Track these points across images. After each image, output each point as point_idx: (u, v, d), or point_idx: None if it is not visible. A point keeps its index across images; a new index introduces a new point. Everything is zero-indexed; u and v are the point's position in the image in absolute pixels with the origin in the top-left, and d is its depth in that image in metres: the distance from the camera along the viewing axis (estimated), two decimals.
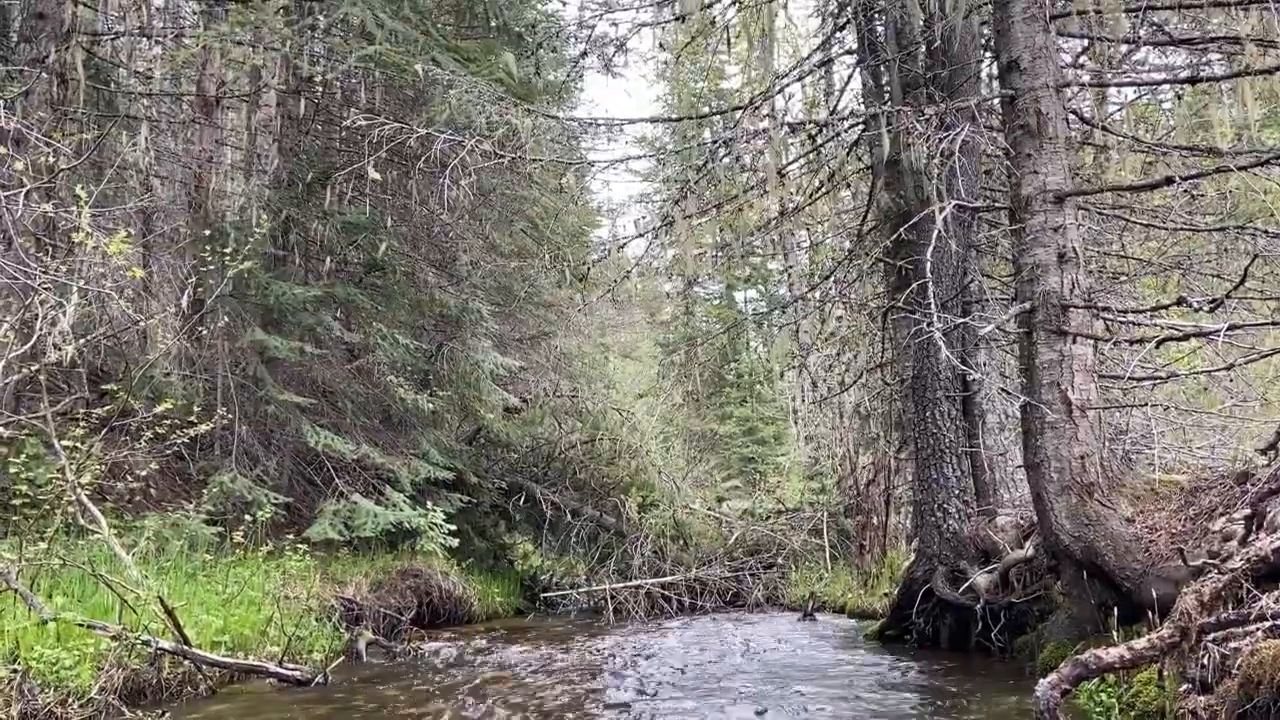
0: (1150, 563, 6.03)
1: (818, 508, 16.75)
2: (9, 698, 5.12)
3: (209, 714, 5.83)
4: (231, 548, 8.60)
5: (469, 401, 13.48)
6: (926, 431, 9.34)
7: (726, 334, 24.16)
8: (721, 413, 26.60)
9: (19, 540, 6.25)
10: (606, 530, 15.54)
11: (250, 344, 10.31)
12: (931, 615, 9.00)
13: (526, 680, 7.28)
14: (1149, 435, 9.46)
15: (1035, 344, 6.87)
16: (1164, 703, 4.50)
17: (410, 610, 10.78)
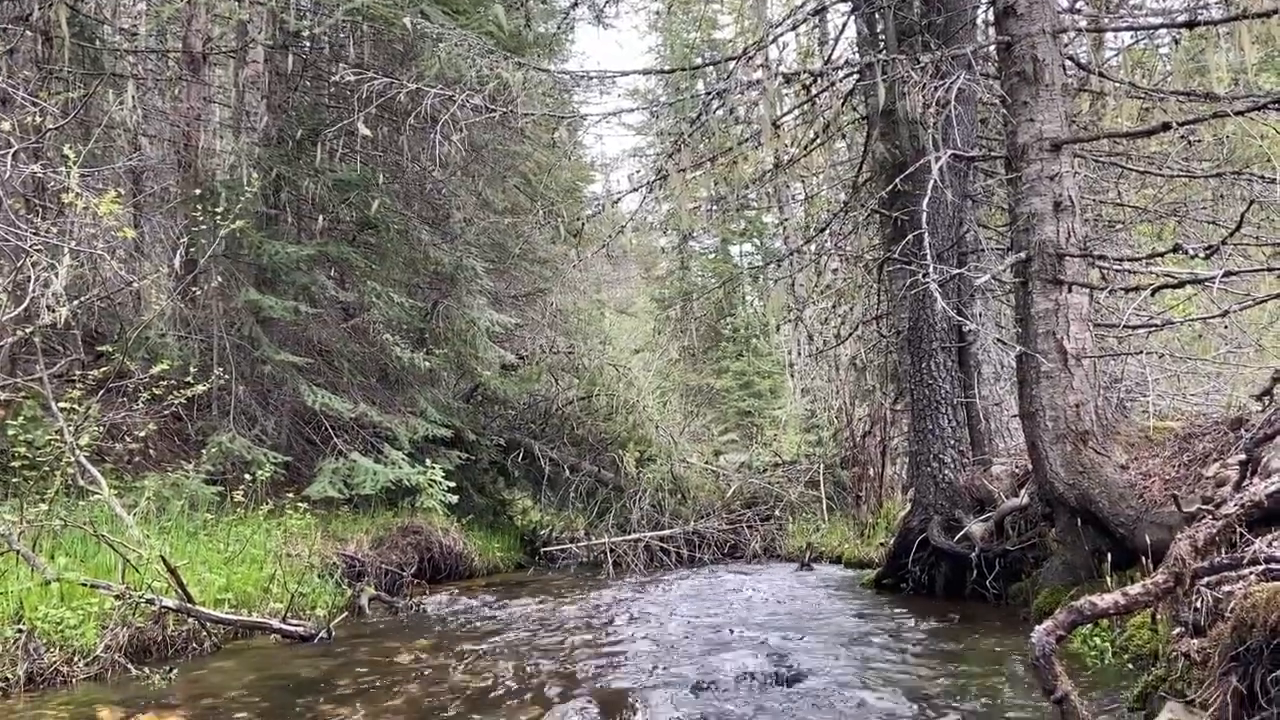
0: (1144, 509, 6.09)
1: (814, 460, 16.85)
2: (15, 657, 5.18)
3: (215, 669, 5.89)
4: (232, 507, 8.64)
5: (465, 359, 13.48)
6: (922, 383, 9.36)
7: (722, 288, 24.11)
8: (718, 367, 26.63)
9: (19, 502, 6.27)
10: (605, 485, 15.64)
11: (245, 304, 10.27)
12: (927, 564, 9.09)
13: (529, 633, 7.37)
14: (1144, 383, 9.49)
15: (1031, 293, 6.86)
16: (1157, 646, 4.57)
17: (411, 566, 10.87)
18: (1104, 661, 5.03)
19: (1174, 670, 3.99)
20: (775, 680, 5.09)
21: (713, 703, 4.65)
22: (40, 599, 5.63)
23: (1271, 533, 3.96)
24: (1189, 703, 3.63)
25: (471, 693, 5.05)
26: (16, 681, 5.09)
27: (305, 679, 5.54)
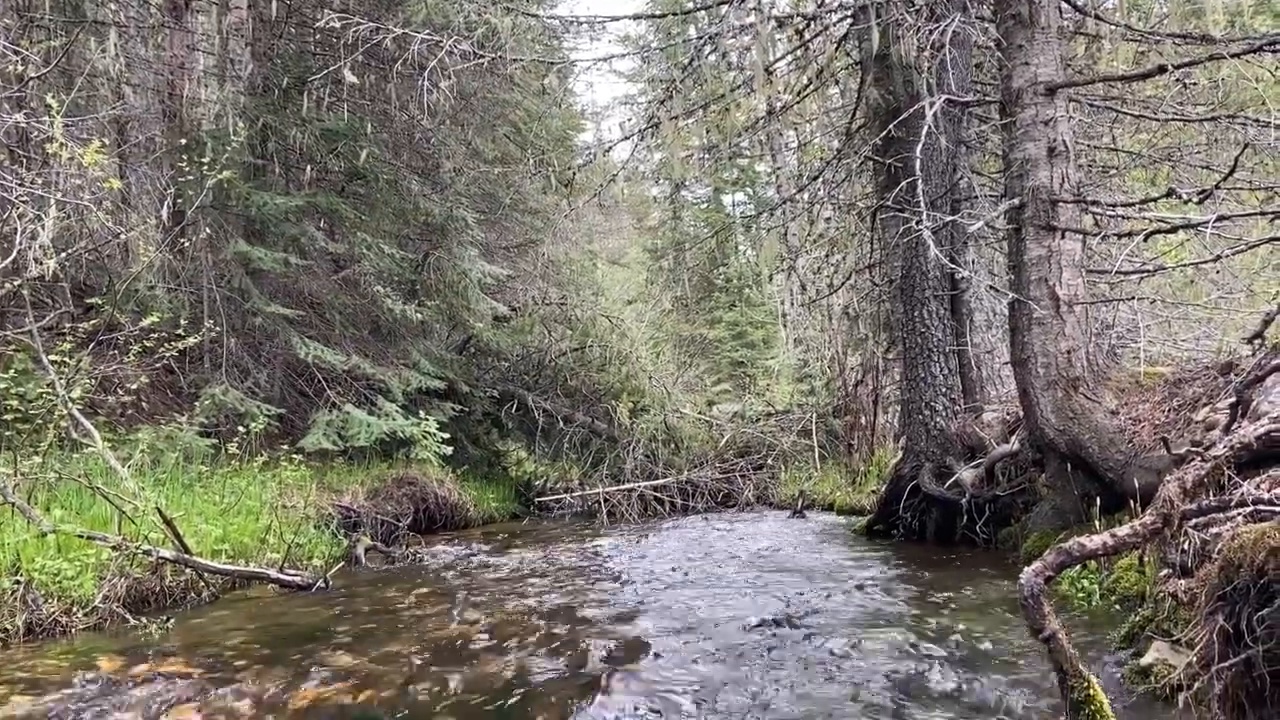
0: (1133, 453, 6.14)
1: (807, 409, 16.93)
2: (13, 608, 5.21)
3: (213, 619, 5.94)
4: (226, 459, 8.66)
5: (457, 311, 13.44)
6: (914, 331, 9.37)
7: (715, 238, 24.01)
8: (711, 317, 26.62)
9: (13, 455, 6.28)
10: (598, 436, 15.71)
11: (234, 256, 10.20)
12: (918, 510, 9.18)
13: (526, 579, 7.44)
14: (1135, 329, 9.51)
15: (1024, 240, 6.84)
16: (1144, 587, 4.64)
17: (407, 517, 10.94)
18: (1091, 603, 5.10)
19: (1161, 610, 4.05)
20: (766, 623, 5.15)
21: (705, 644, 4.71)
22: (37, 551, 5.64)
23: (1260, 475, 4.00)
24: (1175, 642, 3.69)
25: (467, 639, 5.11)
26: (15, 632, 5.12)
27: (304, 627, 5.59)
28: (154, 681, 4.15)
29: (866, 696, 3.72)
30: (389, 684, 4.15)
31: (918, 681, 3.91)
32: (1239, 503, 3.74)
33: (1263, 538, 2.81)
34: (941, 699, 3.69)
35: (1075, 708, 2.70)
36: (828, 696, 3.73)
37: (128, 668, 4.47)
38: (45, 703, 3.82)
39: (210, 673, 4.37)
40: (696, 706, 3.67)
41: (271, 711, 3.78)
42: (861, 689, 3.82)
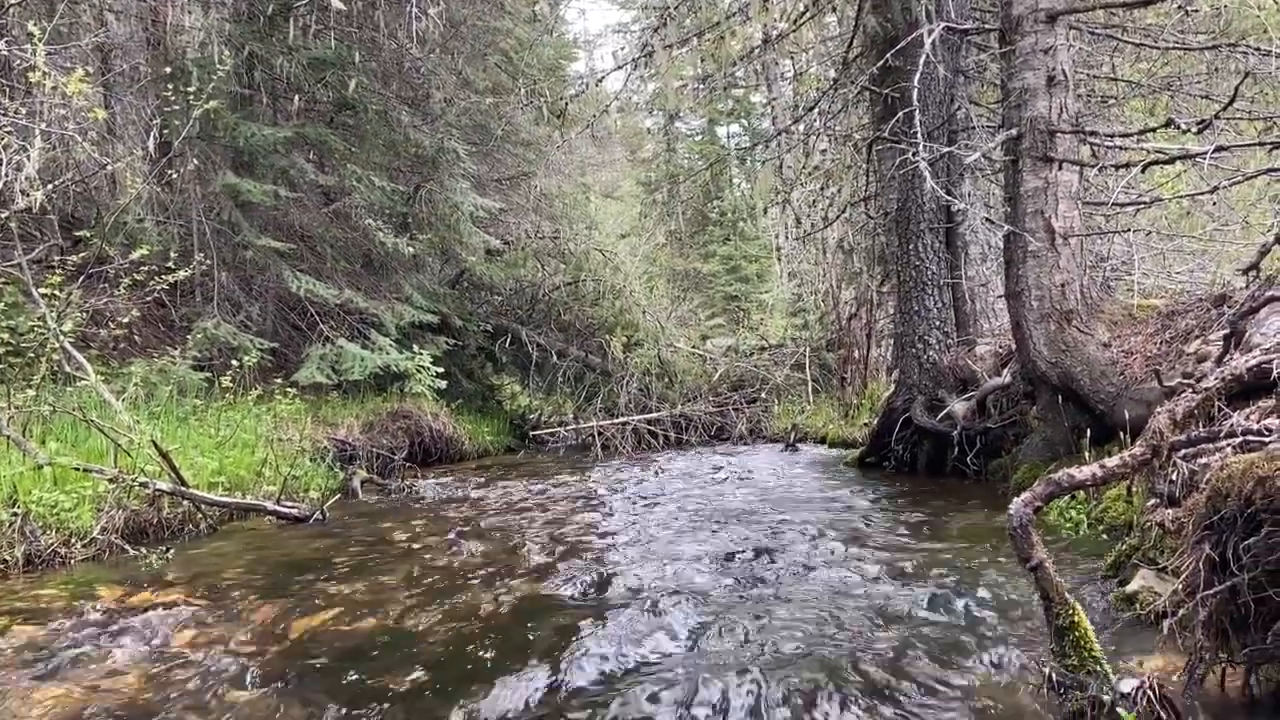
0: (1124, 385, 6.17)
1: (800, 343, 16.96)
2: (12, 540, 5.25)
3: (212, 550, 6.00)
4: (220, 393, 8.66)
5: (449, 244, 13.34)
6: (909, 264, 9.34)
7: (709, 170, 23.74)
8: (705, 251, 26.47)
9: (7, 388, 6.26)
10: (592, 370, 15.74)
11: (223, 188, 10.07)
12: (910, 442, 9.25)
13: (520, 511, 7.51)
14: (1129, 261, 9.48)
15: (1021, 171, 6.78)
16: (1131, 517, 4.70)
17: (402, 450, 11.00)
18: (1079, 533, 5.17)
19: (1147, 540, 4.10)
20: (757, 554, 5.22)
21: (699, 575, 4.77)
22: (34, 483, 5.67)
23: (1250, 406, 4.02)
24: (1161, 570, 3.75)
25: (465, 568, 5.17)
26: (15, 563, 5.17)
27: (302, 558, 5.65)
28: (154, 610, 4.21)
29: (853, 621, 3.78)
30: (386, 613, 4.21)
31: (903, 606, 3.97)
32: (1228, 433, 3.77)
33: (1251, 468, 2.83)
34: (926, 623, 3.76)
35: (1060, 633, 2.74)
36: (815, 621, 3.79)
37: (127, 597, 4.53)
38: (46, 632, 3.87)
39: (210, 602, 4.43)
40: (686, 637, 3.73)
41: (270, 640, 3.84)
42: (848, 614, 3.89)
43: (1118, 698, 2.42)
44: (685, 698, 3.00)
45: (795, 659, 3.33)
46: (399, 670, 3.39)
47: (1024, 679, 3.04)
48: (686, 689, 3.06)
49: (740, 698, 2.97)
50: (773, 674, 3.16)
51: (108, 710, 3.05)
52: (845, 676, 3.13)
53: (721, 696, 2.98)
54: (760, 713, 2.86)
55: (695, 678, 3.15)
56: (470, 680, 3.28)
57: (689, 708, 2.93)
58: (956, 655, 3.35)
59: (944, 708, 2.88)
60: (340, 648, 3.71)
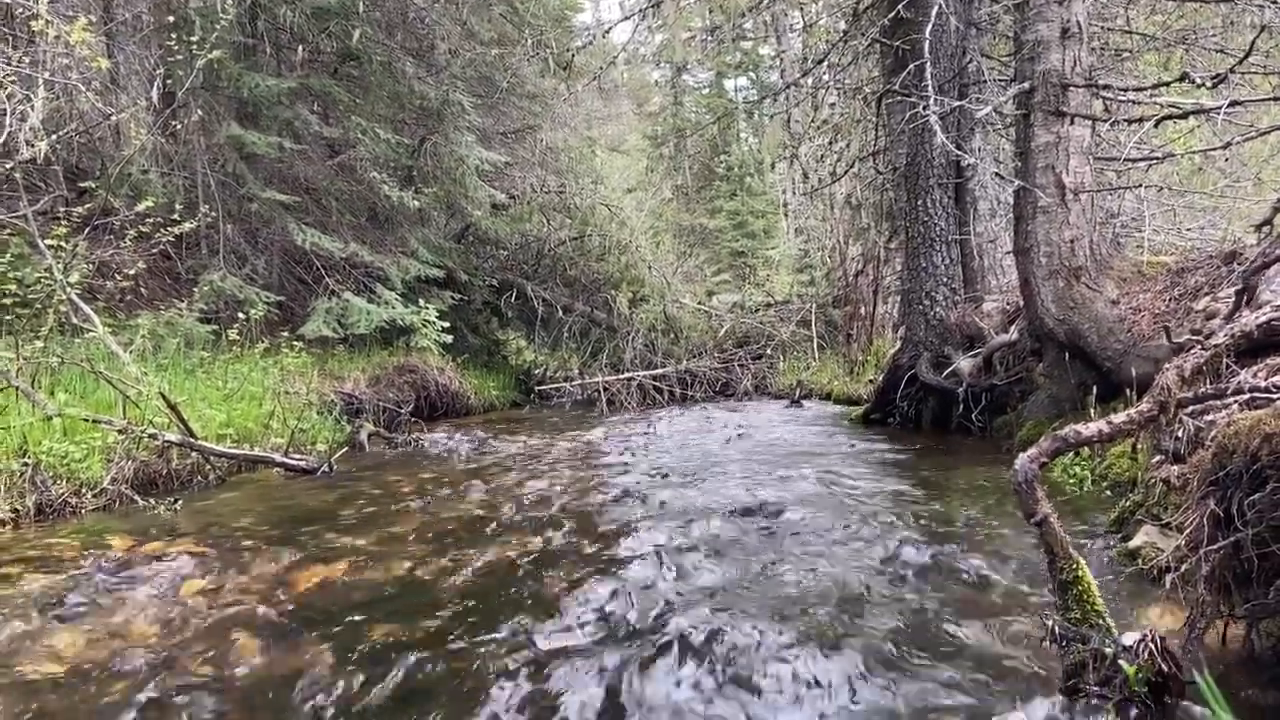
0: (1132, 342, 6.15)
1: (806, 299, 16.93)
2: (23, 489, 5.30)
3: (221, 502, 6.05)
4: (227, 345, 8.68)
5: (455, 198, 13.27)
6: (918, 220, 9.28)
7: (716, 124, 23.51)
8: (711, 207, 26.31)
9: (15, 339, 6.28)
10: (598, 325, 15.74)
11: (227, 139, 10.00)
12: (914, 399, 9.26)
13: (526, 465, 7.55)
14: (1140, 218, 9.41)
15: (1032, 126, 6.70)
16: (1136, 474, 4.71)
17: (409, 404, 11.04)
18: (1083, 489, 5.18)
19: (1151, 496, 4.12)
20: (761, 509, 5.25)
21: (702, 530, 4.80)
22: (43, 434, 5.70)
23: (1258, 363, 4.01)
24: (1165, 525, 3.76)
25: (472, 521, 5.21)
26: (26, 512, 5.21)
27: (310, 509, 5.70)
28: (165, 560, 4.25)
29: (857, 574, 3.81)
30: (394, 564, 4.25)
31: (906, 559, 4.00)
32: (1235, 390, 3.76)
33: (1258, 424, 2.83)
34: (927, 576, 3.79)
35: (1063, 588, 2.76)
36: (820, 573, 3.82)
37: (138, 547, 4.57)
38: (59, 580, 3.91)
39: (219, 552, 4.47)
40: (692, 586, 3.76)
41: (280, 589, 3.88)
42: (852, 567, 3.92)
43: (1120, 650, 2.44)
44: (694, 643, 3.04)
45: (794, 610, 3.37)
46: (408, 620, 3.43)
47: (1026, 632, 3.07)
48: (694, 635, 3.10)
49: (741, 643, 3.00)
50: (773, 624, 3.19)
51: (122, 656, 3.10)
52: (843, 628, 3.17)
53: (727, 643, 3.02)
54: (754, 664, 2.90)
55: (701, 624, 3.19)
56: (478, 630, 3.32)
57: (698, 655, 2.96)
58: (958, 608, 3.38)
59: (944, 660, 2.91)
60: (349, 598, 3.76)
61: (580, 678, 2.84)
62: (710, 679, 2.82)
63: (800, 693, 2.71)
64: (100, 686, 2.84)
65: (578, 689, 2.77)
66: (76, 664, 3.04)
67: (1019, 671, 2.79)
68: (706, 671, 2.87)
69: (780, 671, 2.83)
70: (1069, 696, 2.47)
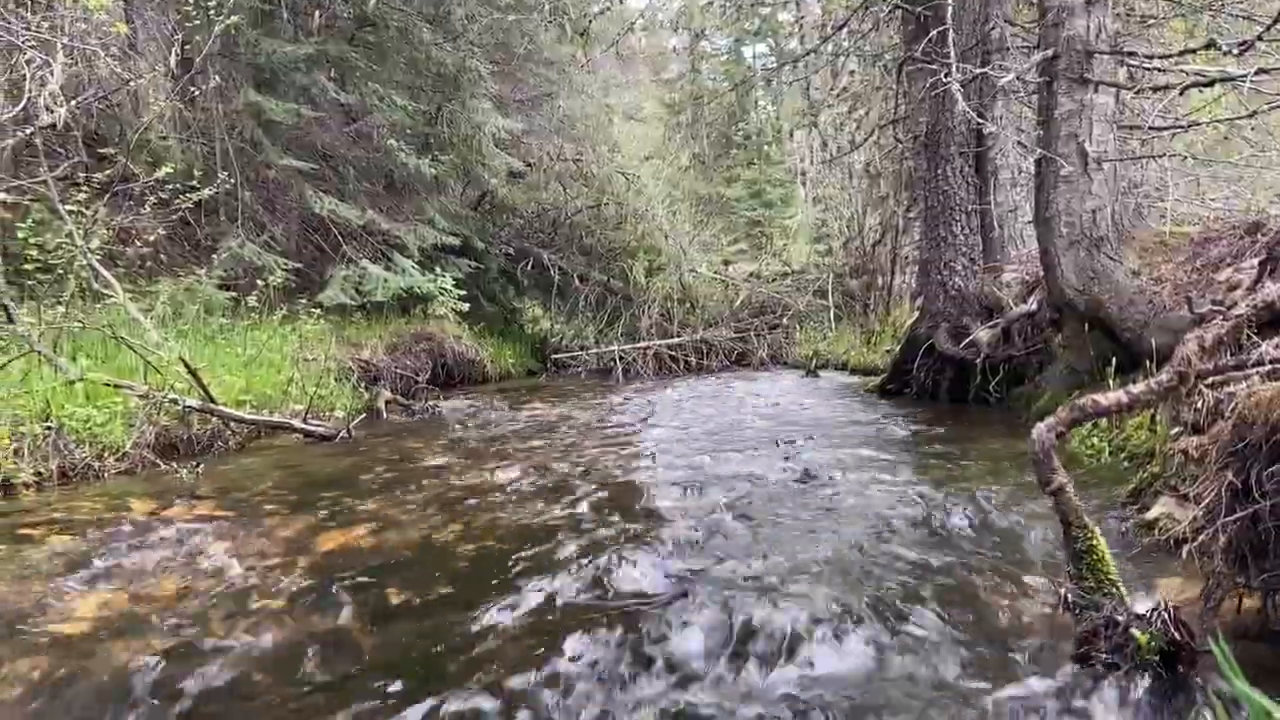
0: (1153, 313, 6.10)
1: (823, 269, 16.86)
2: (46, 453, 5.37)
3: (240, 467, 6.11)
4: (246, 312, 8.73)
5: (471, 166, 13.24)
6: (937, 189, 9.20)
7: (734, 92, 23.31)
8: (728, 175, 26.15)
9: (37, 305, 6.33)
10: (614, 294, 15.72)
11: (245, 106, 10.00)
12: (932, 370, 9.22)
13: (543, 433, 7.59)
14: (1163, 187, 9.29)
15: (1055, 93, 6.61)
16: (1154, 445, 4.68)
17: (425, 371, 11.10)
18: (1100, 461, 5.17)
19: (1169, 468, 4.10)
20: (778, 474, 5.26)
21: (720, 494, 4.82)
22: (66, 398, 5.77)
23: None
24: (1183, 497, 3.75)
25: (489, 488, 5.25)
26: (50, 476, 5.29)
27: (329, 475, 5.75)
28: (186, 523, 4.31)
29: (871, 542, 3.83)
30: (413, 529, 4.29)
31: (920, 528, 4.01)
32: (1256, 362, 3.73)
33: (1278, 395, 2.81)
34: (941, 545, 3.80)
35: (1077, 557, 2.76)
36: (831, 541, 3.84)
37: (160, 510, 4.63)
38: (84, 541, 3.97)
39: (240, 516, 4.53)
40: (709, 553, 3.78)
41: (300, 553, 3.93)
42: (865, 535, 3.93)
43: (1133, 618, 2.44)
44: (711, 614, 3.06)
45: (810, 577, 3.38)
46: (425, 584, 3.47)
47: (1039, 600, 3.08)
48: (711, 605, 3.12)
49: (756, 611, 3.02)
50: (788, 591, 3.21)
51: (144, 617, 3.15)
52: (859, 595, 3.18)
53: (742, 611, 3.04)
54: (774, 633, 2.92)
55: (720, 592, 3.21)
56: (495, 594, 3.35)
57: (713, 626, 2.98)
58: (972, 577, 3.39)
59: (956, 627, 2.92)
60: (367, 562, 3.80)
61: (596, 643, 2.87)
62: (719, 639, 2.84)
63: (809, 653, 2.73)
64: (122, 646, 2.89)
65: (594, 654, 2.80)
66: (99, 624, 3.09)
67: (1029, 639, 2.80)
68: (721, 636, 2.89)
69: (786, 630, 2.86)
70: (1081, 664, 2.48)
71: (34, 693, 2.60)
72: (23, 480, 5.11)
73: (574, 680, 2.64)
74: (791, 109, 16.47)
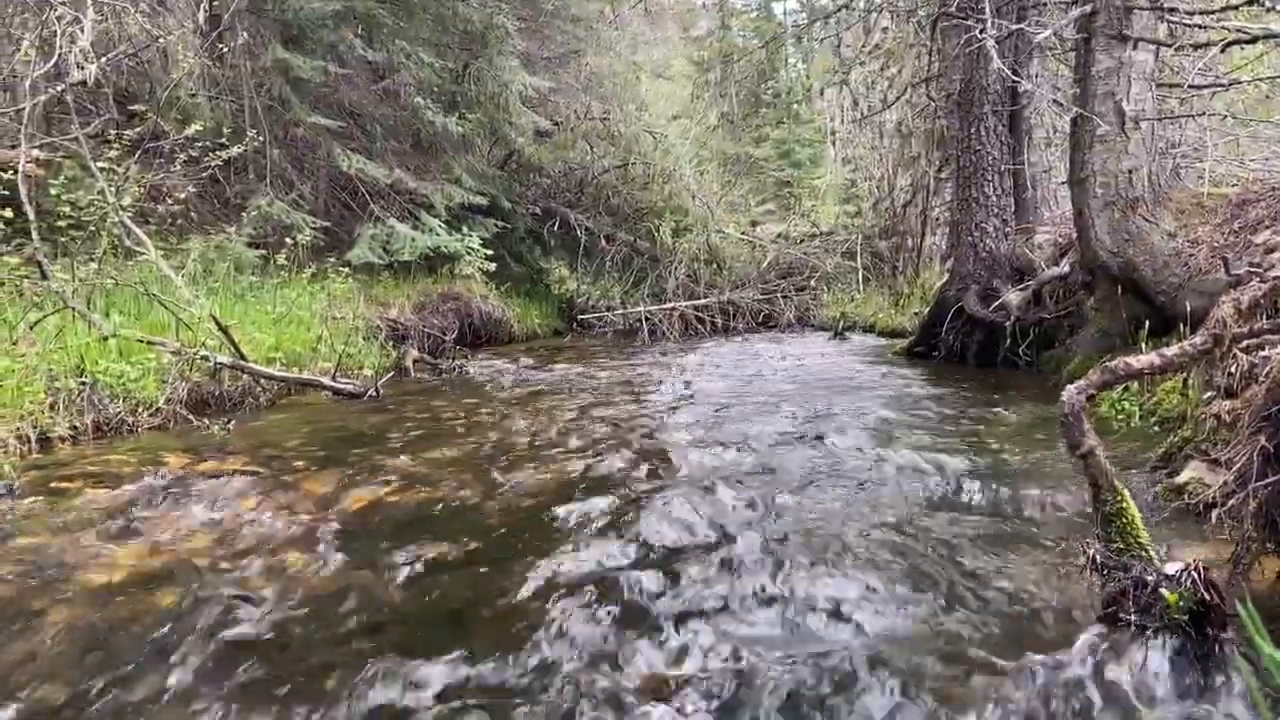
0: (1188, 276, 6.01)
1: (852, 230, 16.70)
2: (81, 407, 5.46)
3: (271, 423, 6.19)
4: (275, 270, 8.79)
5: (498, 124, 13.17)
6: (970, 148, 9.06)
7: (764, 49, 22.97)
8: (757, 135, 25.87)
9: (70, 261, 6.41)
10: (640, 255, 15.67)
11: (273, 63, 9.99)
12: (960, 332, 9.14)
13: (570, 392, 7.62)
14: (1201, 147, 9.10)
15: (1093, 50, 6.48)
16: (1185, 410, 4.64)
17: (452, 331, 11.14)
18: (1131, 425, 5.13)
19: (1200, 432, 4.06)
20: (803, 438, 5.26)
21: (747, 456, 4.84)
22: (100, 354, 5.85)
23: None
24: (1213, 461, 3.72)
25: (516, 446, 5.29)
26: (84, 430, 5.38)
27: (358, 431, 5.82)
28: (218, 477, 4.38)
29: (897, 506, 3.83)
30: (441, 485, 4.34)
31: (946, 491, 4.01)
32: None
33: None
34: (969, 507, 3.79)
35: (1106, 520, 2.75)
36: (859, 503, 3.85)
37: (193, 465, 4.71)
38: (118, 494, 4.05)
39: (271, 471, 4.59)
40: (735, 515, 3.80)
41: (330, 507, 3.98)
42: (892, 499, 3.93)
43: (1162, 579, 2.43)
44: (739, 564, 3.09)
45: (837, 537, 3.39)
46: (454, 539, 3.52)
47: (1066, 562, 3.07)
48: (734, 563, 3.14)
49: (785, 569, 3.04)
50: (814, 553, 3.23)
51: (178, 568, 3.22)
52: (888, 557, 3.19)
53: (769, 567, 3.06)
54: (799, 589, 2.93)
55: (744, 553, 3.23)
56: (524, 551, 3.39)
57: (739, 576, 3.01)
58: (999, 539, 3.39)
59: (983, 588, 2.92)
60: (397, 518, 3.85)
61: (621, 600, 2.90)
62: (752, 600, 2.86)
63: (841, 614, 2.75)
64: (157, 596, 2.95)
65: (618, 610, 2.83)
66: (134, 574, 3.16)
67: (1056, 600, 2.80)
68: (750, 594, 2.91)
69: (819, 593, 2.87)
70: (1108, 624, 2.47)
71: (73, 641, 2.67)
72: (58, 434, 5.21)
73: (605, 634, 2.67)
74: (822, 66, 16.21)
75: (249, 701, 2.34)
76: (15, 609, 2.83)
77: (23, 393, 5.10)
